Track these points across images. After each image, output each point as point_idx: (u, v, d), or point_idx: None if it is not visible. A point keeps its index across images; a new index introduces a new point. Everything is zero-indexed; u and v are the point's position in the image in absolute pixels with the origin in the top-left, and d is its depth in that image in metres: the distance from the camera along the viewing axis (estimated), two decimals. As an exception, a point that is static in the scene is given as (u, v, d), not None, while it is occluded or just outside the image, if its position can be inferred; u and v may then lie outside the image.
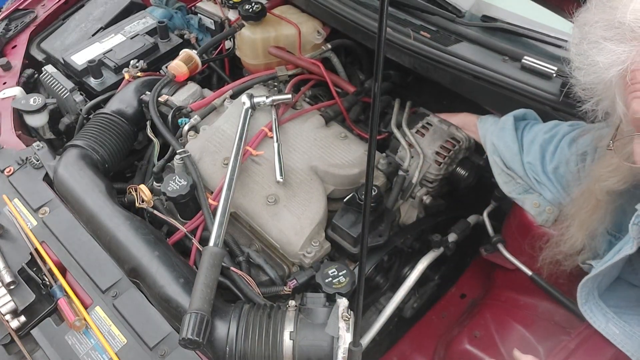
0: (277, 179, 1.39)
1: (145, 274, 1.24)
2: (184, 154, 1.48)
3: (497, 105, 1.42)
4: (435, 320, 1.64)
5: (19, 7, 2.09)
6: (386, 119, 1.68)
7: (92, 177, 1.45)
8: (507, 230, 1.47)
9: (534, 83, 1.31)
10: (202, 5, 2.05)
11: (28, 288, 1.31)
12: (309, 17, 1.81)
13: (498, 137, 1.36)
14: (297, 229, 1.33)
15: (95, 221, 1.36)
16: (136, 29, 1.93)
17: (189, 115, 1.62)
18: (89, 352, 1.19)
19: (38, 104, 1.68)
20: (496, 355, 1.42)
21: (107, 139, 1.57)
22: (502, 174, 1.36)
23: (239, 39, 1.82)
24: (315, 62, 1.75)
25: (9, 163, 1.55)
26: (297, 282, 1.28)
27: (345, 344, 1.07)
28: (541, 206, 1.29)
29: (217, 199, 1.37)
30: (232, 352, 1.10)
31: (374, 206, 1.36)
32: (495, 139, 1.36)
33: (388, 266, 1.48)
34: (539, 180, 1.29)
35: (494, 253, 1.51)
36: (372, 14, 1.57)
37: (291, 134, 1.54)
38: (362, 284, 0.94)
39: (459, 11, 1.49)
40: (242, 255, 1.37)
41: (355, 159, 1.49)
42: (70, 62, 1.82)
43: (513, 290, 1.52)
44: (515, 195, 1.34)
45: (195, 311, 1.06)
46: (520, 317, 1.44)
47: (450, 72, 1.41)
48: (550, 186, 1.27)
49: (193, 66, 1.71)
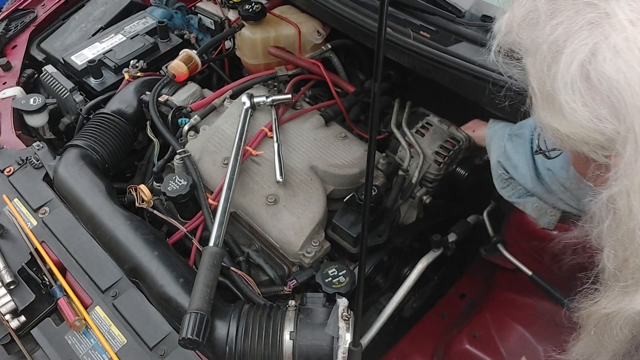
0: (277, 179, 1.39)
1: (145, 274, 1.24)
2: (184, 154, 1.48)
3: (497, 105, 1.42)
4: (435, 320, 1.65)
5: (19, 7, 2.09)
6: (386, 119, 1.67)
7: (92, 177, 1.45)
8: (508, 231, 1.47)
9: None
10: (202, 5, 2.05)
11: (28, 288, 1.30)
12: (309, 17, 1.81)
13: (504, 143, 1.31)
14: (297, 229, 1.33)
15: (95, 221, 1.36)
16: (136, 29, 1.93)
17: (189, 115, 1.62)
18: (89, 352, 1.19)
19: (38, 104, 1.68)
20: (496, 355, 1.43)
21: (107, 139, 1.57)
22: (499, 178, 1.34)
23: (239, 39, 1.82)
24: (315, 62, 1.75)
25: (9, 163, 1.55)
26: (297, 282, 1.28)
27: (345, 344, 1.07)
28: (542, 209, 1.27)
29: (217, 199, 1.37)
30: (232, 352, 1.10)
31: (373, 206, 1.35)
32: (500, 145, 1.32)
33: (388, 266, 1.48)
34: (565, 186, 1.18)
35: (494, 253, 1.51)
36: (372, 14, 1.57)
37: (291, 134, 1.54)
38: (362, 284, 0.94)
39: (459, 11, 1.49)
40: (242, 255, 1.37)
41: (355, 159, 1.49)
42: (70, 62, 1.82)
43: (513, 291, 1.52)
44: (515, 199, 1.31)
45: (195, 311, 1.06)
46: (520, 317, 1.44)
47: (450, 72, 1.40)
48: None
49: (193, 66, 1.70)
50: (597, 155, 0.69)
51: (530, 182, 1.25)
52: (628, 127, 0.64)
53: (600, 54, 0.64)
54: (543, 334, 1.37)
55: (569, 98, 0.67)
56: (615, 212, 0.68)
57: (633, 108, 0.63)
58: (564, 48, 0.67)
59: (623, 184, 0.66)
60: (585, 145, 0.69)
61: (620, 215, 0.68)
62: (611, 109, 0.65)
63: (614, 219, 0.69)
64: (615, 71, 0.63)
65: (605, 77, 0.64)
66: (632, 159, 0.64)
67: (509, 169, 1.29)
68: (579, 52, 0.66)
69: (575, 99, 0.66)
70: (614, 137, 0.66)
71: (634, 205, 0.66)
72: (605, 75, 0.64)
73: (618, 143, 0.65)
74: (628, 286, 0.71)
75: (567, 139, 0.71)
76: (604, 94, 0.65)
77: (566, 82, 0.67)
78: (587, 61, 0.65)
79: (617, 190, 0.67)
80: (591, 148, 0.69)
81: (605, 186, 0.69)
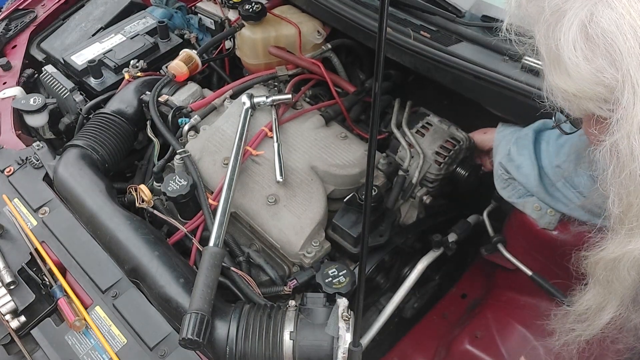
0: (277, 179, 1.39)
1: (145, 274, 1.24)
2: (184, 154, 1.48)
3: (497, 105, 1.42)
4: (436, 320, 1.64)
5: (19, 7, 2.09)
6: (386, 118, 1.67)
7: (92, 177, 1.45)
8: (508, 230, 1.47)
9: (534, 83, 1.31)
10: (202, 5, 2.05)
11: (28, 288, 1.30)
12: (309, 17, 1.81)
13: (510, 147, 1.31)
14: (297, 229, 1.33)
15: (95, 221, 1.36)
16: (136, 29, 1.93)
17: (189, 115, 1.62)
18: (89, 352, 1.19)
19: (38, 104, 1.68)
20: (497, 355, 1.42)
21: (107, 139, 1.57)
22: (499, 179, 1.34)
23: (239, 39, 1.82)
24: (316, 62, 1.74)
25: (9, 163, 1.55)
26: (297, 282, 1.28)
27: (345, 344, 1.07)
28: (542, 209, 1.28)
29: (217, 199, 1.37)
30: (232, 352, 1.10)
31: (374, 206, 1.35)
32: (506, 148, 1.32)
33: (388, 266, 1.48)
34: (573, 184, 1.17)
35: (494, 253, 1.50)
36: (373, 14, 1.57)
37: (291, 133, 1.54)
38: (362, 284, 0.94)
39: (459, 11, 1.49)
40: (242, 255, 1.37)
41: (355, 159, 1.49)
42: (70, 62, 1.82)
43: (514, 291, 1.52)
44: (515, 199, 1.32)
45: (195, 311, 1.06)
46: (521, 317, 1.44)
47: (450, 72, 1.40)
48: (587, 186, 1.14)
49: (193, 66, 1.70)
50: (602, 110, 0.73)
51: (534, 181, 1.25)
52: (624, 73, 0.68)
53: (597, 11, 0.70)
54: (544, 334, 1.37)
55: (572, 54, 0.72)
56: (618, 157, 0.72)
57: (627, 54, 0.68)
58: (566, 11, 0.72)
59: (623, 128, 0.70)
60: (590, 102, 0.74)
61: (623, 159, 0.71)
62: (608, 58, 0.69)
63: (617, 163, 0.72)
64: (609, 23, 0.68)
65: (601, 30, 0.69)
66: (630, 102, 0.69)
67: (510, 169, 1.29)
68: (579, 12, 0.71)
69: (577, 55, 0.71)
70: (614, 86, 0.70)
71: (634, 147, 0.69)
72: (602, 28, 0.69)
73: (617, 90, 0.70)
74: (633, 229, 0.74)
75: (574, 98, 0.75)
76: (601, 46, 0.70)
77: (568, 40, 0.72)
78: (587, 19, 0.70)
79: (619, 136, 0.70)
80: (596, 104, 0.73)
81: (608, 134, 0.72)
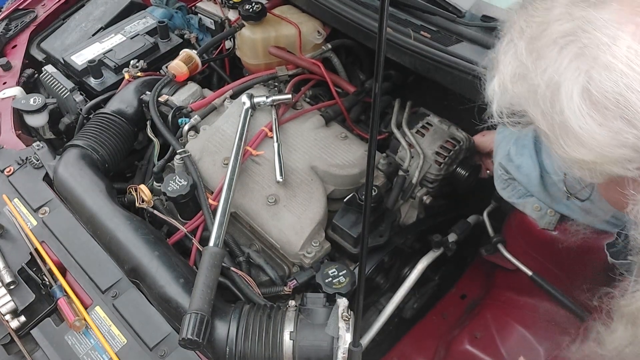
0: (277, 179, 1.39)
1: (145, 274, 1.24)
2: (184, 154, 1.48)
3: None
4: (436, 320, 1.64)
5: (19, 7, 2.08)
6: (386, 119, 1.67)
7: (92, 177, 1.45)
8: (508, 231, 1.47)
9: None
10: (202, 5, 2.05)
11: (28, 288, 1.30)
12: (309, 17, 1.81)
13: (510, 147, 1.30)
14: (297, 229, 1.33)
15: (95, 221, 1.36)
16: (136, 29, 1.93)
17: (189, 115, 1.62)
18: (88, 352, 1.19)
19: (38, 104, 1.68)
20: (496, 355, 1.42)
21: (107, 139, 1.57)
22: (499, 179, 1.34)
23: (239, 39, 1.82)
24: (316, 62, 1.74)
25: (9, 163, 1.54)
26: (297, 282, 1.28)
27: (345, 344, 1.07)
28: (542, 209, 1.28)
29: (217, 199, 1.37)
30: (232, 352, 1.10)
31: (374, 206, 1.35)
32: (506, 148, 1.31)
33: (388, 266, 1.48)
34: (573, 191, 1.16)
35: (494, 253, 1.50)
36: (373, 14, 1.57)
37: (291, 134, 1.54)
38: (362, 284, 0.94)
39: (459, 11, 1.49)
40: (242, 256, 1.37)
41: (355, 159, 1.49)
42: (70, 62, 1.82)
43: (513, 291, 1.52)
44: (515, 199, 1.32)
45: (195, 311, 1.06)
46: (521, 317, 1.44)
47: (450, 72, 1.40)
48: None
49: (193, 66, 1.70)
50: (630, 171, 0.70)
51: (534, 181, 1.25)
52: None
53: (596, 76, 0.67)
54: (544, 334, 1.37)
55: (582, 123, 0.69)
56: None
57: None
58: (561, 82, 0.70)
59: None
60: (614, 165, 0.70)
61: None
62: (624, 119, 0.67)
63: None
64: (613, 85, 0.66)
65: (607, 93, 0.66)
66: None
67: (510, 170, 1.29)
68: (576, 82, 0.68)
69: (588, 122, 0.68)
70: (637, 144, 0.67)
71: None
72: (607, 91, 0.66)
73: None
74: None
75: (595, 165, 0.72)
76: (611, 108, 0.67)
77: (574, 110, 0.69)
78: (586, 86, 0.68)
79: None
80: (621, 166, 0.70)
81: None
